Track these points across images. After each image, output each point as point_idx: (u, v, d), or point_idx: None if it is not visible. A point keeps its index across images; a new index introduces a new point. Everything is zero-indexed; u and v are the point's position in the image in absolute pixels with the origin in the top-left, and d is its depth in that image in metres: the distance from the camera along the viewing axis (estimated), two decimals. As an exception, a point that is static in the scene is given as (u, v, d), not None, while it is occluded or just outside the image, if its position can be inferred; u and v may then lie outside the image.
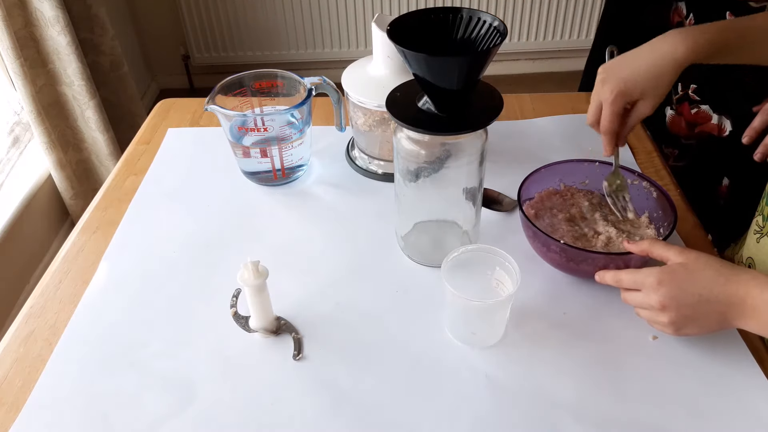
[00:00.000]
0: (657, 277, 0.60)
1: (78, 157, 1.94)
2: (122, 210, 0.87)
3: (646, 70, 0.67)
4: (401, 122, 0.64)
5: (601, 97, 0.69)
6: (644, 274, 0.61)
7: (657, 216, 0.76)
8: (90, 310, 0.73)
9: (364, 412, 0.61)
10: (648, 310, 0.62)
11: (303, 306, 0.72)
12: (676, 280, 0.59)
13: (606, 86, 0.68)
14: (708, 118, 0.94)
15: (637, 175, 0.78)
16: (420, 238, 0.79)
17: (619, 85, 0.67)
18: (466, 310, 0.66)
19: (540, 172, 0.79)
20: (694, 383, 0.63)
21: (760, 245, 0.72)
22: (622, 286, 0.64)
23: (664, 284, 0.59)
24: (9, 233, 1.63)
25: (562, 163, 0.81)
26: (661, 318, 0.60)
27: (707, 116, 0.94)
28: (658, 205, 0.76)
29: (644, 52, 0.68)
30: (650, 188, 0.77)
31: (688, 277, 0.59)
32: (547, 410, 0.61)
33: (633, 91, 0.68)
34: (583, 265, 0.70)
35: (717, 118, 0.93)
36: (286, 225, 0.84)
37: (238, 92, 0.89)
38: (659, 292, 0.59)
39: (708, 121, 0.94)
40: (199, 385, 0.64)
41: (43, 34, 1.70)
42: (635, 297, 0.63)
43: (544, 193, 0.81)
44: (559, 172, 0.81)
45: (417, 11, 0.65)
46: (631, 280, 0.63)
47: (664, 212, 0.75)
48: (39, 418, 0.62)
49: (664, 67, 0.66)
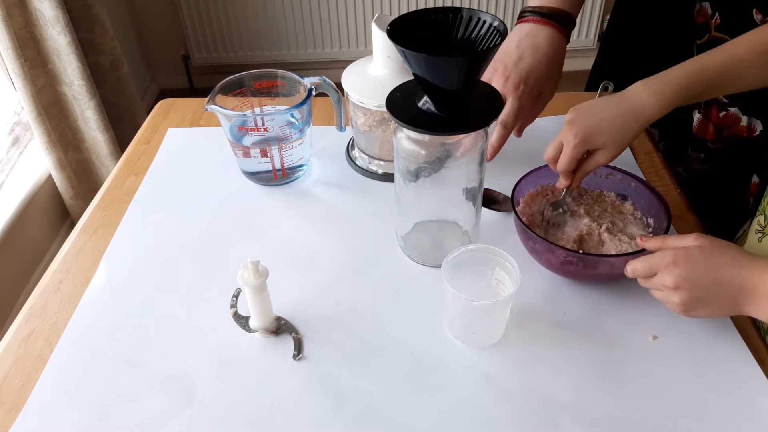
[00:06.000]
0: (672, 258, 0.60)
1: (78, 157, 1.94)
2: (122, 210, 0.87)
3: (610, 124, 0.68)
4: (401, 122, 0.64)
5: (564, 138, 0.71)
6: (659, 257, 0.62)
7: (654, 216, 0.76)
8: (90, 310, 0.73)
9: (364, 412, 0.62)
10: (661, 290, 0.62)
11: (303, 306, 0.72)
12: (691, 261, 0.60)
13: (571, 130, 0.70)
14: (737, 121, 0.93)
15: (632, 178, 0.79)
16: (420, 238, 0.79)
17: (583, 131, 0.69)
18: (466, 310, 0.66)
19: (533, 174, 0.80)
20: (694, 383, 0.63)
21: (762, 245, 0.72)
22: (639, 274, 0.64)
23: (680, 265, 0.60)
24: (9, 233, 1.63)
25: None
26: (674, 298, 0.60)
27: (736, 119, 0.93)
28: (653, 205, 0.76)
29: (612, 104, 0.69)
30: (646, 189, 0.77)
31: (704, 260, 0.59)
32: (546, 410, 0.61)
33: (595, 141, 0.69)
34: (582, 267, 0.70)
35: (746, 119, 0.92)
36: (286, 225, 0.84)
37: (238, 92, 0.89)
38: (674, 272, 0.60)
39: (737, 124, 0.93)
40: (199, 385, 0.64)
41: (43, 34, 1.70)
42: (651, 280, 0.63)
43: (527, 196, 0.81)
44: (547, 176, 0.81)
45: (417, 11, 0.65)
46: (646, 266, 0.63)
47: (658, 213, 0.75)
48: (39, 418, 0.62)
49: (628, 124, 0.68)
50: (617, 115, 0.68)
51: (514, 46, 0.80)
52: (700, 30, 0.94)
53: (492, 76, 0.80)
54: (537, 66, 0.80)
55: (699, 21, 0.94)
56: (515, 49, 0.80)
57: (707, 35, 0.92)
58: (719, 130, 0.96)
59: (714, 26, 0.90)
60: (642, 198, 0.78)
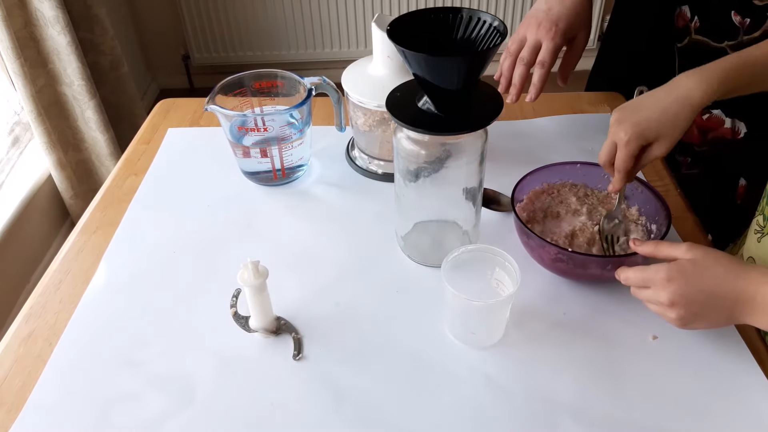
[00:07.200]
0: (666, 274, 0.60)
1: (78, 157, 1.94)
2: (122, 210, 0.87)
3: (662, 114, 0.68)
4: (401, 122, 0.64)
5: (615, 138, 0.70)
6: (653, 271, 0.61)
7: (654, 217, 0.76)
8: (90, 310, 0.73)
9: (364, 412, 0.62)
10: (657, 305, 0.62)
11: (303, 306, 0.72)
12: (684, 277, 0.59)
13: (621, 128, 0.69)
14: (721, 123, 0.94)
15: (639, 182, 0.78)
16: (420, 238, 0.79)
17: (635, 127, 0.68)
18: (466, 310, 0.66)
19: (533, 175, 0.79)
20: (694, 383, 0.63)
21: (761, 245, 0.72)
22: (631, 284, 0.64)
23: (674, 281, 0.59)
24: (9, 233, 1.63)
25: (555, 165, 0.81)
26: (670, 314, 0.60)
27: (720, 121, 0.94)
28: (654, 206, 0.76)
29: (660, 95, 0.69)
30: (646, 190, 0.77)
31: (697, 274, 0.59)
32: (546, 410, 0.61)
33: (649, 134, 0.68)
34: (580, 269, 0.70)
35: (730, 121, 0.93)
36: (286, 225, 0.84)
37: (238, 92, 0.89)
38: (668, 289, 0.59)
39: (721, 126, 0.94)
40: (199, 385, 0.64)
41: (43, 34, 1.70)
42: (644, 292, 0.63)
43: (531, 194, 0.81)
44: (551, 174, 0.81)
45: (417, 11, 0.65)
46: (639, 278, 0.63)
47: (658, 213, 0.75)
48: (39, 418, 0.62)
49: (680, 111, 0.67)
50: (668, 104, 0.67)
51: (542, 2, 0.87)
52: (680, 33, 0.94)
53: (526, 30, 0.85)
54: (566, 12, 0.85)
55: (680, 24, 0.94)
56: (544, 3, 0.86)
57: (687, 38, 0.92)
58: (703, 132, 0.96)
59: (694, 29, 0.91)
60: (645, 201, 0.78)
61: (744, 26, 0.84)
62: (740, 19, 0.84)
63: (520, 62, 0.85)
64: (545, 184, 0.82)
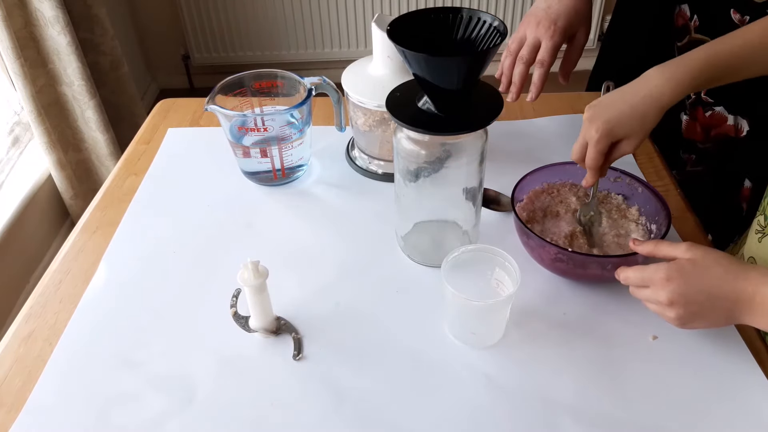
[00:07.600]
0: (665, 273, 0.60)
1: (78, 157, 1.94)
2: (122, 210, 0.87)
3: (630, 112, 0.68)
4: (401, 122, 0.64)
5: (587, 136, 0.71)
6: (652, 270, 0.61)
7: (654, 217, 0.76)
8: (90, 310, 0.73)
9: (364, 412, 0.62)
10: (656, 304, 0.62)
11: (303, 306, 0.72)
12: (684, 277, 0.59)
13: (592, 126, 0.69)
14: (723, 120, 0.94)
15: (632, 178, 0.79)
16: (420, 238, 0.79)
17: (605, 125, 0.69)
18: (466, 310, 0.66)
19: (533, 175, 0.79)
20: (694, 383, 0.63)
21: (762, 245, 0.72)
22: (630, 283, 0.64)
23: (673, 281, 0.59)
24: (9, 233, 1.63)
25: (555, 165, 0.81)
26: (669, 313, 0.60)
27: (723, 118, 0.94)
28: (654, 206, 0.76)
29: (628, 94, 0.69)
30: (646, 190, 0.77)
31: (697, 274, 0.59)
32: (546, 410, 0.61)
33: (617, 132, 0.69)
34: (580, 269, 0.70)
35: (733, 119, 0.92)
36: (286, 225, 0.84)
37: (238, 92, 0.89)
38: (667, 288, 0.59)
39: (724, 123, 0.94)
40: (199, 385, 0.64)
41: (43, 34, 1.70)
42: (644, 292, 0.63)
43: (531, 194, 0.81)
44: (551, 174, 0.81)
45: (417, 11, 0.65)
46: (638, 277, 0.63)
47: (658, 213, 0.75)
48: (39, 418, 0.62)
49: (648, 111, 0.68)
50: (636, 102, 0.68)
51: (542, 0, 0.87)
52: (680, 32, 0.94)
53: (526, 28, 0.86)
54: (565, 10, 0.85)
55: (679, 23, 0.94)
56: (543, 1, 0.87)
57: (687, 37, 0.93)
58: (706, 130, 0.96)
59: (694, 28, 0.91)
60: (645, 201, 0.78)
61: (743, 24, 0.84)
62: (740, 17, 0.84)
63: (520, 61, 0.85)
64: (545, 184, 0.82)
